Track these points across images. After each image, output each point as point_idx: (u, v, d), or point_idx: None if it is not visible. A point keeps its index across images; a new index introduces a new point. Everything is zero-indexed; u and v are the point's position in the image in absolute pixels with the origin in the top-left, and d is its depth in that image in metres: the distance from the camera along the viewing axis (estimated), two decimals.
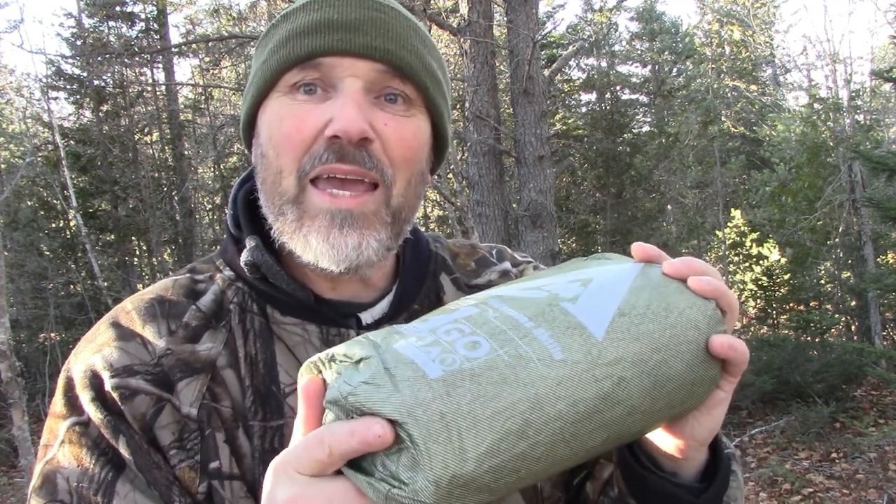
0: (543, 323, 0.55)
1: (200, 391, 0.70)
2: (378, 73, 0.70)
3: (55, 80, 11.19)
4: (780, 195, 9.41)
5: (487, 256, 0.90)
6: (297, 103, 0.70)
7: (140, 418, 0.67)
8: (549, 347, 0.53)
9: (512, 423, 0.49)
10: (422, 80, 0.72)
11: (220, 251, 0.81)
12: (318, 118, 0.69)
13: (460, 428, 0.47)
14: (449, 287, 0.84)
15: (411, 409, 0.47)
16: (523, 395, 0.50)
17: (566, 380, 0.52)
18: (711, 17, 14.78)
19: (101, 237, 11.03)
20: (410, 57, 0.71)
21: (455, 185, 7.17)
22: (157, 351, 0.70)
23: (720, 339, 0.58)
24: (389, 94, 0.71)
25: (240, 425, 0.70)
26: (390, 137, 0.70)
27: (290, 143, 0.70)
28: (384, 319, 0.77)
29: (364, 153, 0.68)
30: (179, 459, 0.68)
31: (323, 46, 0.69)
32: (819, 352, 7.45)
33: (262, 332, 0.74)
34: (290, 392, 0.71)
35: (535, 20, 7.44)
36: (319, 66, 0.69)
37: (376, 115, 0.70)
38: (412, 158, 0.72)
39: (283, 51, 0.71)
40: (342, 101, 0.68)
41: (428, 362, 0.49)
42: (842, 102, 9.18)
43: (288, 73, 0.71)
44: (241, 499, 0.68)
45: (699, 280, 0.60)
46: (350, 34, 0.69)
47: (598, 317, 0.56)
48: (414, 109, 0.73)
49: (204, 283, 0.77)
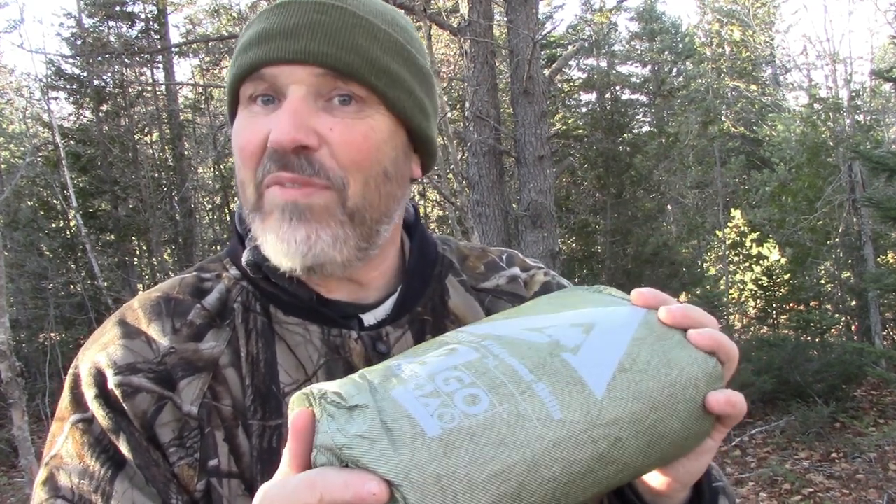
0: (544, 376, 0.54)
1: (202, 390, 0.71)
2: (319, 78, 0.69)
3: (55, 79, 11.19)
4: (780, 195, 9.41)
5: (497, 261, 0.89)
6: (251, 116, 0.71)
7: (141, 416, 0.68)
8: (549, 405, 0.52)
9: (507, 487, 0.48)
10: (366, 78, 0.70)
11: (227, 250, 0.82)
12: (263, 129, 0.69)
13: (456, 492, 0.46)
14: (456, 289, 0.84)
15: (408, 472, 0.46)
16: (520, 458, 0.49)
17: (563, 441, 0.51)
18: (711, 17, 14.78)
19: (101, 237, 11.03)
20: (350, 57, 0.69)
21: (455, 185, 7.17)
22: (160, 349, 0.71)
23: (718, 398, 0.58)
24: (340, 96, 0.70)
25: (239, 424, 0.71)
26: (336, 141, 0.69)
27: (244, 155, 0.71)
28: (387, 321, 0.78)
29: (303, 160, 0.68)
30: (179, 457, 0.69)
31: (262, 57, 0.69)
32: (819, 352, 7.46)
33: (264, 332, 0.74)
34: (289, 392, 0.72)
35: (535, 20, 7.44)
36: (264, 76, 0.70)
37: (321, 121, 0.69)
38: (365, 159, 0.70)
39: (235, 65, 0.72)
40: (281, 112, 0.69)
41: (426, 417, 0.48)
42: (842, 102, 9.19)
43: (242, 86, 0.72)
44: (238, 497, 0.69)
45: (700, 334, 0.59)
46: (286, 41, 0.69)
47: (598, 372, 0.55)
48: (369, 109, 0.71)
49: (210, 281, 0.78)
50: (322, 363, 0.74)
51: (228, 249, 0.82)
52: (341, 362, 0.74)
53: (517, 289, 0.86)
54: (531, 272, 0.89)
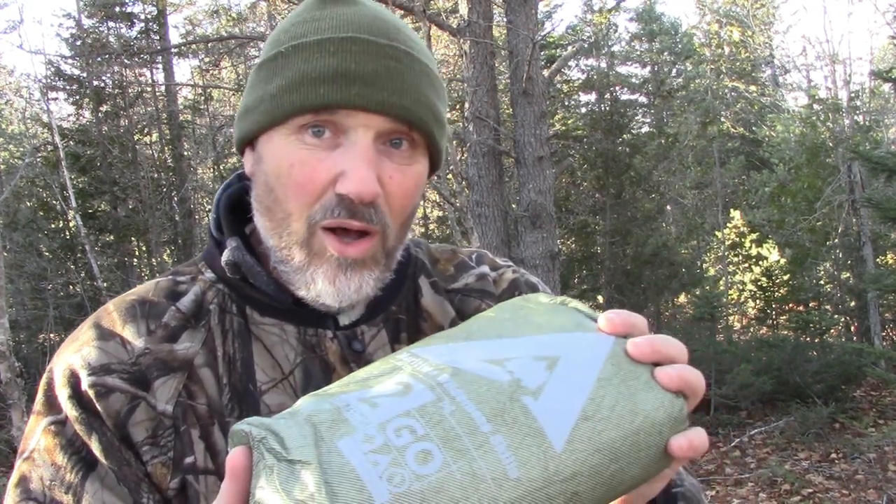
0: (502, 427, 0.50)
1: (177, 389, 0.72)
2: (390, 126, 0.71)
3: (54, 80, 11.19)
4: (780, 196, 9.41)
5: (467, 261, 0.91)
6: (306, 147, 0.71)
7: (114, 416, 0.69)
8: (505, 462, 0.49)
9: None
10: (430, 129, 0.74)
11: (203, 254, 0.83)
12: (328, 169, 0.70)
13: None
14: (427, 290, 0.86)
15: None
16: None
17: (517, 501, 0.48)
18: (711, 18, 14.79)
19: (100, 238, 11.02)
20: (423, 110, 0.72)
21: (455, 186, 7.17)
22: (135, 350, 0.72)
23: (681, 443, 0.56)
24: (396, 138, 0.72)
25: (215, 422, 0.72)
26: (394, 191, 0.72)
27: (302, 191, 0.71)
28: (362, 320, 0.79)
29: (371, 210, 0.71)
30: (152, 456, 0.70)
31: (340, 100, 0.69)
32: (818, 352, 7.46)
33: (240, 332, 0.76)
34: (266, 390, 0.73)
35: (535, 21, 7.44)
36: (334, 115, 0.70)
37: (383, 167, 0.71)
38: (410, 206, 0.75)
39: (297, 94, 0.70)
40: (353, 157, 0.69)
41: (375, 480, 0.45)
42: (841, 103, 9.19)
43: (301, 116, 0.71)
44: (214, 493, 0.70)
45: (668, 374, 0.57)
46: (367, 89, 0.69)
47: (560, 420, 0.52)
48: (417, 154, 0.74)
49: (185, 284, 0.79)
50: (298, 362, 0.75)
51: (204, 254, 0.83)
52: (317, 361, 0.76)
53: (486, 286, 0.88)
54: (500, 270, 0.91)
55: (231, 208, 0.81)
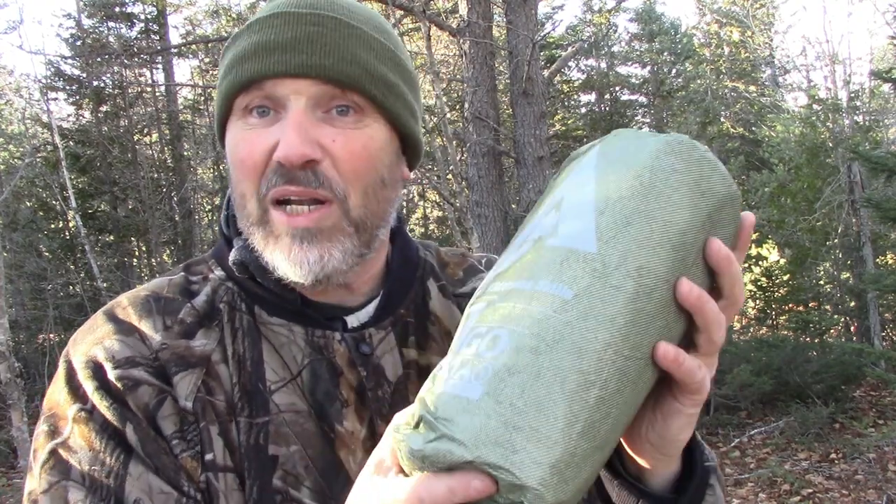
0: (541, 274, 0.52)
1: (195, 385, 0.71)
2: (320, 89, 0.70)
3: (54, 80, 11.19)
4: (780, 196, 9.41)
5: (476, 265, 0.91)
6: (248, 128, 0.72)
7: (144, 408, 0.69)
8: (558, 293, 0.51)
9: (569, 383, 0.48)
10: (366, 89, 0.72)
11: (213, 251, 0.83)
12: (265, 142, 0.70)
13: (527, 422, 0.46)
14: (435, 293, 0.85)
15: (476, 440, 0.46)
16: (562, 353, 0.48)
17: (589, 310, 0.50)
18: (710, 18, 14.80)
19: (100, 238, 11.02)
20: (351, 68, 0.71)
21: (454, 186, 7.18)
22: (153, 345, 0.72)
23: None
24: (339, 106, 0.72)
25: (233, 419, 0.71)
26: (338, 153, 0.71)
27: (245, 168, 0.72)
28: (370, 323, 0.79)
29: (310, 174, 0.70)
30: (181, 449, 0.69)
31: (261, 70, 0.70)
32: (818, 352, 7.46)
33: (249, 331, 0.75)
34: (276, 389, 0.73)
35: (535, 21, 7.44)
36: (263, 88, 0.71)
37: (324, 132, 0.71)
38: (364, 169, 0.73)
39: (230, 76, 0.73)
40: (286, 125, 0.70)
41: (466, 387, 0.49)
42: (841, 103, 9.19)
43: (237, 97, 0.72)
44: (234, 491, 0.69)
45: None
46: (286, 55, 0.70)
47: (582, 232, 0.53)
48: (367, 119, 0.73)
49: (198, 283, 0.79)
50: (306, 363, 0.75)
51: (214, 251, 0.83)
52: (325, 363, 0.75)
53: None
54: None
55: None
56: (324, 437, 0.73)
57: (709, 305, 0.54)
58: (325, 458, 0.73)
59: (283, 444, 0.71)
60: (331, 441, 0.73)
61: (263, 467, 0.70)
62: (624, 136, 0.59)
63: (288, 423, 0.72)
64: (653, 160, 0.54)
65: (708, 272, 0.56)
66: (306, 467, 0.71)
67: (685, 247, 0.53)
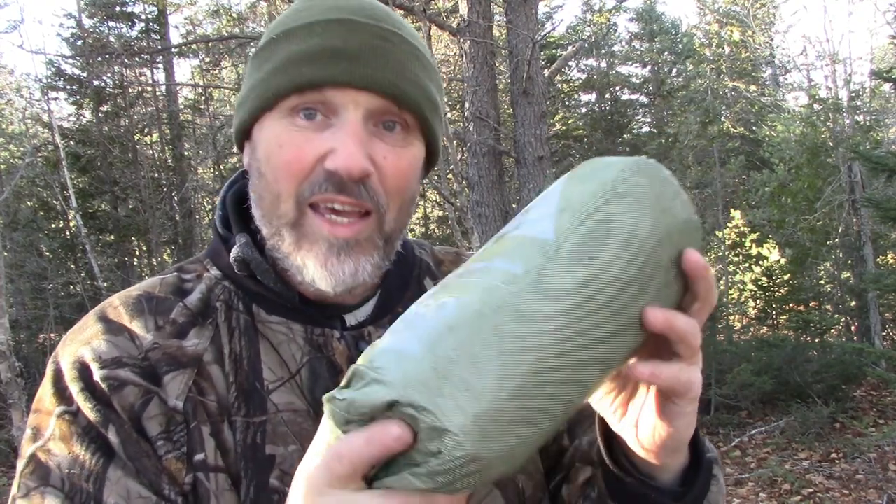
0: (496, 255, 0.54)
1: (186, 384, 0.71)
2: (378, 103, 0.70)
3: (55, 80, 11.20)
4: (780, 195, 9.41)
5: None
6: (296, 129, 0.71)
7: (129, 409, 0.68)
8: (510, 268, 0.52)
9: (507, 344, 0.48)
10: (421, 109, 0.73)
11: (208, 251, 0.82)
12: (317, 147, 0.70)
13: (459, 372, 0.47)
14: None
15: (405, 383, 0.46)
16: (504, 317, 0.49)
17: (536, 284, 0.51)
18: (711, 18, 14.79)
19: (100, 238, 11.03)
20: (411, 87, 0.72)
21: (455, 186, 7.18)
22: (144, 345, 0.72)
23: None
24: (388, 121, 0.72)
25: (225, 419, 0.71)
26: (388, 170, 0.71)
27: (290, 170, 0.71)
28: (368, 321, 0.79)
29: (362, 187, 0.70)
30: (166, 451, 0.69)
31: (325, 77, 0.69)
32: (819, 352, 7.46)
33: (247, 330, 0.75)
34: (273, 388, 0.73)
35: (535, 21, 7.44)
36: (321, 93, 0.70)
37: (375, 148, 0.71)
38: (406, 187, 0.74)
39: (285, 76, 0.71)
40: (343, 135, 0.69)
41: (405, 343, 0.49)
42: (841, 103, 9.19)
43: (290, 97, 0.71)
44: (225, 491, 0.69)
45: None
46: (353, 65, 0.69)
47: (542, 224, 0.55)
48: (411, 137, 0.74)
49: (191, 282, 0.78)
50: (305, 361, 0.75)
51: (209, 251, 0.82)
52: (324, 361, 0.75)
53: None
54: None
55: (237, 206, 0.81)
56: None
57: (678, 322, 0.56)
58: None
59: (280, 443, 0.71)
60: None
61: (260, 467, 0.70)
62: (595, 160, 0.61)
63: (286, 422, 0.72)
64: (618, 172, 0.57)
65: (676, 284, 0.58)
66: None
67: (642, 252, 0.54)
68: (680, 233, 0.57)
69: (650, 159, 0.60)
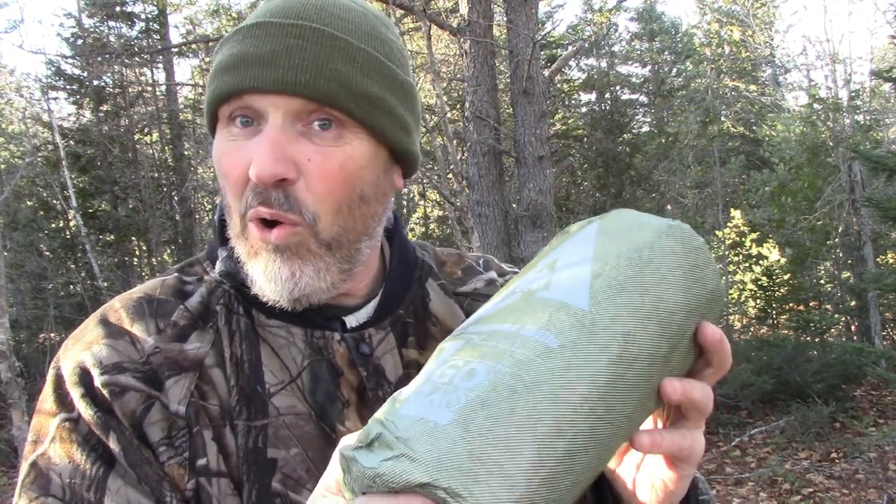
0: (527, 320, 0.53)
1: (188, 389, 0.70)
2: (297, 104, 0.69)
3: (55, 80, 11.19)
4: (780, 195, 9.41)
5: (474, 265, 0.90)
6: (232, 139, 0.71)
7: (130, 415, 0.68)
8: (543, 339, 0.51)
9: (542, 428, 0.47)
10: (343, 105, 0.69)
11: (207, 252, 0.82)
12: (244, 159, 0.69)
13: (493, 457, 0.46)
14: (436, 292, 0.85)
15: (438, 464, 0.45)
16: (539, 396, 0.48)
17: (572, 361, 0.50)
18: (711, 18, 14.78)
19: (100, 237, 11.03)
20: (328, 85, 0.68)
21: (455, 185, 7.17)
22: (145, 349, 0.71)
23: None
24: (320, 120, 0.70)
25: (227, 423, 0.71)
26: (313, 173, 0.69)
27: (228, 183, 0.71)
28: (369, 323, 0.79)
29: (281, 195, 0.68)
30: (168, 456, 0.68)
31: (239, 84, 0.69)
32: (819, 352, 7.46)
33: (247, 334, 0.75)
34: (275, 392, 0.72)
35: (535, 20, 7.44)
36: (242, 100, 0.69)
37: (300, 150, 0.69)
38: (339, 189, 0.70)
39: (212, 86, 0.72)
40: (260, 141, 0.68)
41: (434, 412, 0.48)
42: (841, 102, 9.19)
43: (221, 107, 0.71)
44: (228, 496, 0.69)
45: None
46: (263, 70, 0.68)
47: (575, 290, 0.54)
48: (348, 134, 0.70)
49: (192, 284, 0.78)
50: (306, 364, 0.74)
51: (208, 252, 0.81)
52: (325, 364, 0.75)
53: (493, 291, 0.87)
54: (507, 276, 0.90)
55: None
56: (325, 438, 0.72)
57: (694, 394, 0.57)
58: (326, 460, 0.72)
59: (282, 447, 0.71)
60: (332, 442, 0.72)
61: (262, 471, 0.70)
62: (626, 215, 0.61)
63: (288, 425, 0.72)
64: (653, 239, 0.57)
65: (692, 351, 0.58)
66: (307, 470, 0.71)
67: (672, 326, 0.55)
68: (707, 302, 0.58)
69: (683, 224, 0.60)
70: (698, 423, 0.60)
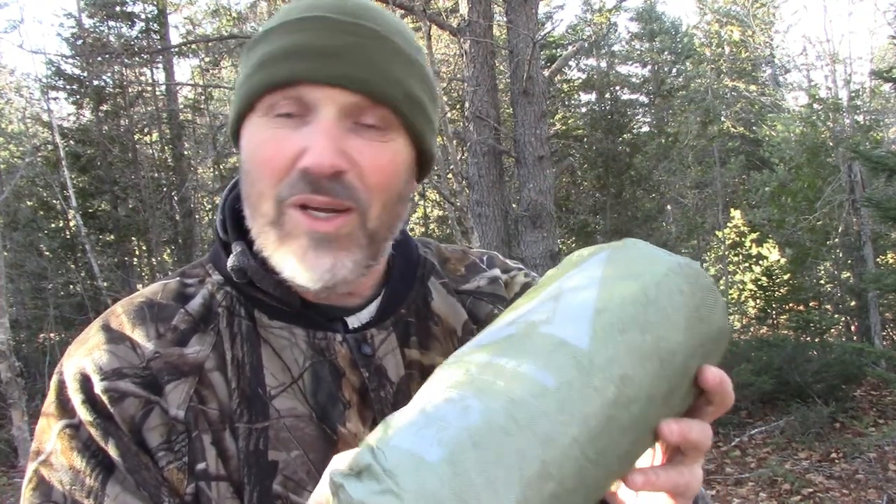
0: (526, 356, 0.52)
1: (188, 393, 0.71)
2: (353, 100, 0.69)
3: (55, 80, 11.19)
4: (780, 195, 9.41)
5: (478, 262, 0.90)
6: (274, 128, 0.71)
7: (129, 421, 0.69)
8: (539, 379, 0.50)
9: (529, 470, 0.47)
10: (398, 106, 0.71)
11: (210, 255, 0.82)
12: (292, 146, 0.69)
13: (479, 496, 0.45)
14: (438, 291, 0.85)
15: (422, 501, 0.45)
16: (530, 438, 0.48)
17: (566, 403, 0.49)
18: (711, 18, 14.79)
19: (100, 237, 11.02)
20: (387, 85, 0.70)
21: (455, 185, 7.18)
22: (145, 354, 0.71)
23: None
24: (370, 117, 0.71)
25: (226, 427, 0.71)
26: (366, 166, 0.70)
27: (267, 169, 0.70)
28: (371, 324, 0.79)
29: (337, 184, 0.69)
30: (167, 461, 0.69)
31: (300, 73, 0.69)
32: (819, 352, 7.46)
33: (249, 336, 0.75)
34: (276, 394, 0.73)
35: (535, 20, 7.44)
36: (296, 90, 0.70)
37: (352, 144, 0.70)
38: (388, 184, 0.72)
39: (260, 75, 0.71)
40: (316, 132, 0.68)
41: (426, 448, 0.48)
42: (841, 102, 9.19)
43: (265, 95, 0.71)
44: (227, 499, 0.69)
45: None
46: (324, 61, 0.69)
47: (576, 326, 0.53)
48: (392, 133, 0.72)
49: (193, 287, 0.78)
50: (308, 366, 0.74)
51: (211, 255, 0.81)
52: (327, 365, 0.75)
53: (497, 290, 0.87)
54: (511, 273, 0.90)
55: (235, 211, 0.80)
56: (326, 440, 0.72)
57: (692, 434, 0.56)
58: (327, 462, 0.72)
59: (283, 449, 0.71)
60: (333, 443, 0.72)
61: (263, 473, 0.70)
62: (635, 247, 0.60)
63: (288, 427, 0.72)
64: (661, 276, 0.56)
65: (692, 392, 0.57)
66: (308, 472, 0.71)
67: (673, 366, 0.54)
68: (712, 342, 0.57)
69: (693, 262, 0.59)
70: (697, 459, 0.59)
